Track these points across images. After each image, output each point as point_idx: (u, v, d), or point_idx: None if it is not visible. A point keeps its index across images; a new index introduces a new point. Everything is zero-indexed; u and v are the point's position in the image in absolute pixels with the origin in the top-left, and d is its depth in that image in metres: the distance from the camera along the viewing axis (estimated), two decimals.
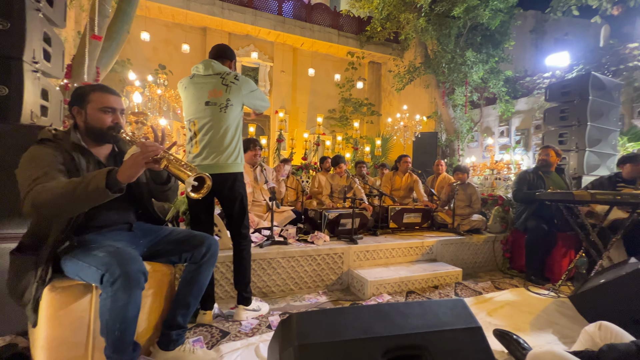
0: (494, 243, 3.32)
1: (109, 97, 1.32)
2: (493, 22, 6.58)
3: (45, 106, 1.85)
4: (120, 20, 3.87)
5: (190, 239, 1.46)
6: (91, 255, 1.14)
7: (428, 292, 2.52)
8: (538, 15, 11.75)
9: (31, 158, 1.17)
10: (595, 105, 3.74)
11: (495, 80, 7.21)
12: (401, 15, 7.39)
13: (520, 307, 2.27)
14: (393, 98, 10.04)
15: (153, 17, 8.05)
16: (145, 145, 1.12)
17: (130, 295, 1.08)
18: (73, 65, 3.20)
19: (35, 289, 1.14)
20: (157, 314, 1.41)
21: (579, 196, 2.37)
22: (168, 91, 5.35)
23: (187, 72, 1.93)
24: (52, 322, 1.15)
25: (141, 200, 1.46)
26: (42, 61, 1.77)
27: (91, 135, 1.32)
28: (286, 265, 2.41)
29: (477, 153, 8.00)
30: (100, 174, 1.08)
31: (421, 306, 1.04)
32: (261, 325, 1.85)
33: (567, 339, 1.84)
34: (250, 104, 1.92)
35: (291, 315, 0.92)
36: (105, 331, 1.10)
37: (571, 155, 3.84)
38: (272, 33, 8.84)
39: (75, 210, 1.13)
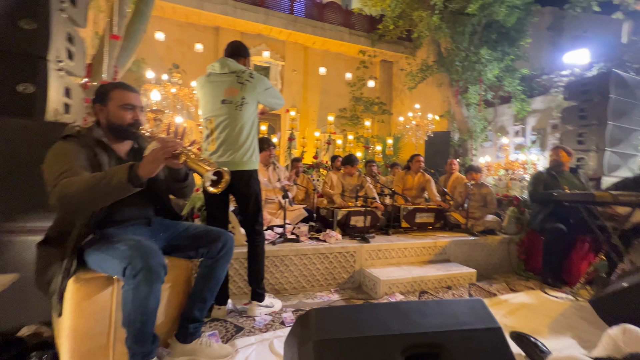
0: (509, 244, 3.25)
1: (129, 94, 1.35)
2: (509, 19, 6.43)
3: (68, 104, 1.90)
4: (137, 20, 3.96)
5: (207, 235, 1.48)
6: (114, 248, 1.17)
7: (441, 293, 2.49)
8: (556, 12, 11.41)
9: (57, 153, 1.21)
10: (617, 104, 3.62)
11: (511, 78, 7.05)
12: (414, 12, 7.30)
13: (537, 310, 2.22)
14: (405, 97, 9.94)
15: (167, 17, 8.19)
16: (165, 141, 1.14)
17: (152, 287, 1.10)
18: (93, 65, 3.29)
19: (60, 280, 1.18)
20: (174, 307, 1.44)
21: (600, 197, 2.30)
22: (182, 90, 5.43)
23: (200, 71, 1.96)
24: (76, 313, 1.19)
25: (159, 197, 1.49)
26: (65, 60, 1.82)
27: (112, 131, 1.36)
28: (298, 262, 2.42)
29: (490, 153, 7.85)
30: (122, 168, 1.11)
31: (439, 305, 1.03)
32: (274, 322, 1.87)
33: (586, 343, 1.79)
34: (265, 102, 1.94)
35: (310, 310, 0.93)
36: (127, 322, 1.13)
37: (590, 155, 3.73)
38: (284, 32, 8.87)
39: (99, 203, 1.16)
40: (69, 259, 1.19)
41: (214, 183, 1.18)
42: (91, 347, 1.22)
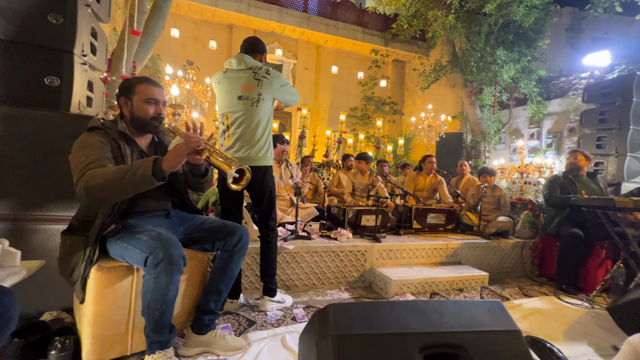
0: (522, 249, 3.20)
1: (153, 89, 1.38)
2: (527, 19, 6.30)
3: (91, 97, 1.95)
4: (156, 16, 4.02)
5: (223, 228, 1.50)
6: (135, 238, 1.20)
7: (452, 295, 2.46)
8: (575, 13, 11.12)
9: (83, 145, 1.24)
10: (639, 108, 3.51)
11: (527, 80, 6.91)
12: (429, 12, 7.22)
13: (551, 316, 2.18)
14: (417, 97, 9.85)
15: (182, 14, 8.30)
16: (188, 137, 1.17)
17: (172, 278, 1.13)
18: (112, 60, 3.36)
19: (83, 267, 1.21)
20: (190, 299, 1.47)
21: (621, 203, 2.24)
22: (196, 86, 5.50)
23: (214, 68, 1.99)
24: (98, 300, 1.22)
25: (178, 190, 1.52)
26: (89, 54, 1.87)
27: (135, 124, 1.39)
28: (309, 260, 2.43)
29: (504, 155, 7.72)
30: (147, 162, 1.13)
31: (457, 305, 1.02)
32: (286, 317, 1.88)
33: (603, 351, 1.75)
34: (281, 98, 1.95)
35: (328, 306, 0.93)
36: (146, 311, 1.15)
37: (610, 160, 3.63)
38: (297, 30, 8.89)
39: (123, 195, 1.19)
40: (92, 247, 1.22)
41: (236, 180, 1.20)
42: (111, 334, 1.25)
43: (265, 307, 1.94)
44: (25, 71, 1.60)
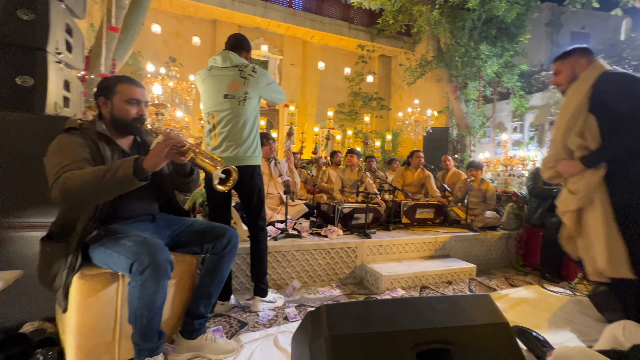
0: (507, 240, 3.28)
1: (135, 89, 1.33)
2: (509, 14, 6.41)
3: (68, 97, 1.87)
4: (135, 11, 3.88)
5: (212, 231, 1.47)
6: (120, 244, 1.16)
7: (442, 288, 2.51)
8: (554, 8, 11.41)
9: (59, 146, 1.19)
10: None
11: (510, 74, 7.06)
12: (414, 7, 7.25)
13: (536, 305, 2.25)
14: (403, 92, 9.92)
15: (164, 10, 8.06)
16: (168, 134, 1.14)
17: (159, 284, 1.10)
18: (90, 57, 3.23)
19: (65, 275, 1.17)
20: (179, 303, 1.44)
21: None
22: (180, 84, 5.37)
23: (198, 64, 1.94)
24: (82, 309, 1.17)
25: (164, 192, 1.48)
26: (64, 52, 1.78)
27: (116, 125, 1.34)
28: (300, 258, 2.42)
29: (489, 149, 7.89)
30: (127, 161, 1.09)
31: (448, 301, 1.04)
32: (278, 317, 1.87)
33: (586, 337, 1.82)
34: (267, 97, 1.92)
35: (321, 306, 0.93)
36: (133, 319, 1.12)
37: None
38: (282, 26, 8.78)
39: (103, 197, 1.15)
40: (74, 254, 1.18)
41: (222, 181, 1.17)
42: (97, 343, 1.21)
43: (257, 307, 1.92)
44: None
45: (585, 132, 1.44)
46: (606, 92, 1.40)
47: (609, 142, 1.39)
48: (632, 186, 1.38)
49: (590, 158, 1.43)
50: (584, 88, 1.45)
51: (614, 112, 1.38)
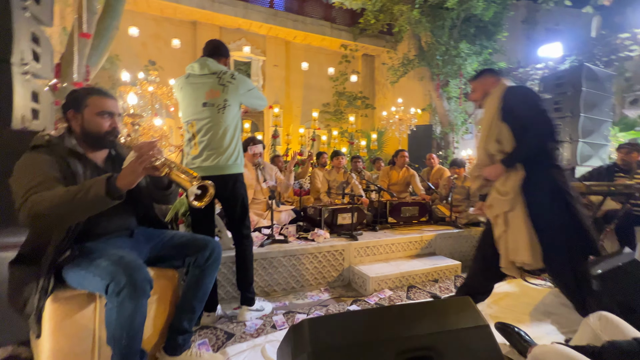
0: None
1: (107, 101, 1.28)
2: (486, 13, 6.57)
3: (37, 109, 1.79)
4: (109, 16, 3.75)
5: (193, 243, 1.44)
6: (94, 264, 1.12)
7: (429, 286, 2.55)
8: (530, 5, 11.73)
9: (25, 166, 1.13)
10: (588, 97, 3.78)
11: None
12: (394, 7, 7.32)
13: (519, 298, 2.31)
14: (387, 91, 10.01)
15: (141, 12, 7.85)
16: (140, 148, 1.10)
17: (137, 304, 1.06)
18: (62, 64, 3.10)
19: (37, 300, 1.12)
20: (162, 319, 1.40)
21: (575, 188, 2.40)
22: (160, 88, 5.24)
23: (179, 67, 1.90)
24: (57, 333, 1.13)
25: (142, 205, 1.44)
26: (31, 62, 1.71)
27: (88, 140, 1.29)
28: (287, 263, 2.41)
29: (471, 145, 8.06)
30: (99, 181, 1.05)
31: (430, 306, 1.05)
32: (266, 325, 1.86)
33: (565, 328, 1.88)
34: (247, 103, 1.89)
35: (303, 321, 0.92)
36: (112, 341, 1.08)
37: (565, 146, 3.89)
38: (264, 26, 8.70)
39: (74, 219, 1.11)
40: (46, 277, 1.13)
41: (198, 197, 1.14)
42: None
43: (244, 317, 1.90)
44: None
45: (501, 138, 1.68)
46: (512, 103, 1.65)
47: (520, 144, 1.62)
48: (538, 188, 1.61)
49: (508, 159, 1.65)
50: (495, 101, 1.70)
51: (520, 120, 1.62)
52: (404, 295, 2.37)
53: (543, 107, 1.61)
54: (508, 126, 1.65)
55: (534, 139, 1.59)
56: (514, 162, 1.63)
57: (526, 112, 1.61)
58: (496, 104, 1.69)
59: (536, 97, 1.66)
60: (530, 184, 1.61)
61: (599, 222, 2.68)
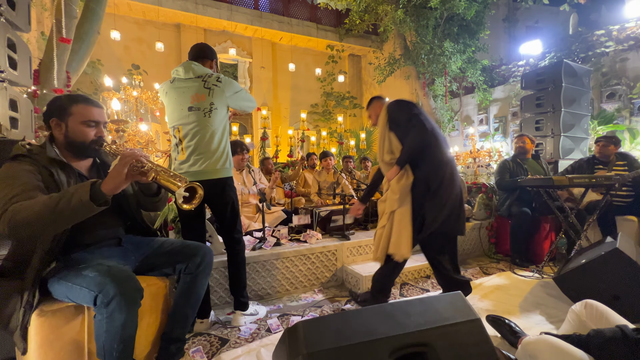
0: (479, 230, 3.43)
1: (92, 109, 1.25)
2: (468, 12, 6.70)
3: (15, 117, 1.73)
4: (89, 20, 3.66)
5: (184, 250, 1.42)
6: (81, 275, 1.09)
7: (421, 282, 2.58)
8: (510, 4, 12.05)
9: (5, 176, 1.10)
10: (568, 92, 3.90)
11: (473, 69, 7.38)
12: (379, 7, 7.40)
13: (508, 291, 2.37)
14: (374, 90, 10.08)
15: (122, 15, 7.68)
16: (124, 155, 1.08)
17: (127, 314, 1.04)
18: (41, 71, 3.00)
19: (22, 315, 1.08)
20: (154, 328, 1.38)
21: (558, 181, 2.48)
22: (144, 92, 5.14)
23: (163, 71, 1.87)
24: (44, 349, 1.10)
25: (130, 213, 1.41)
26: (7, 70, 1.65)
27: (72, 149, 1.26)
28: (280, 266, 2.40)
29: (458, 142, 8.20)
30: (83, 186, 1.03)
31: (422, 303, 1.07)
32: (260, 330, 1.84)
33: (553, 318, 1.94)
34: (235, 106, 1.88)
35: (297, 324, 0.92)
36: (102, 353, 1.06)
37: (547, 140, 4.00)
38: (250, 28, 8.65)
39: (58, 227, 1.07)
40: (30, 291, 1.09)
41: (187, 199, 1.12)
42: None
43: (238, 322, 1.88)
44: None
45: (392, 148, 1.93)
46: (392, 113, 1.94)
47: (405, 146, 1.86)
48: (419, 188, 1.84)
49: (399, 160, 1.86)
50: (383, 117, 1.98)
51: (401, 126, 1.88)
52: (397, 293, 2.40)
53: (415, 111, 1.85)
54: (395, 134, 1.91)
55: (414, 139, 1.81)
56: (403, 163, 1.85)
57: (404, 118, 1.86)
58: (384, 119, 1.97)
59: (409, 104, 1.91)
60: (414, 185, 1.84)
61: (582, 214, 2.76)
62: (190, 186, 1.13)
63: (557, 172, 3.73)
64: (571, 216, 2.64)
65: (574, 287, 2.01)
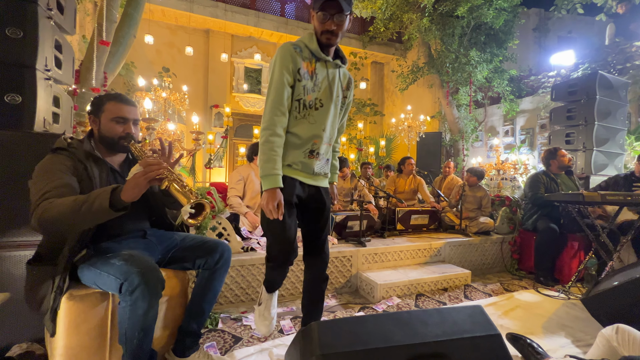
0: (502, 244, 3.31)
1: (123, 107, 1.32)
2: (497, 21, 6.55)
3: (57, 113, 1.86)
4: (127, 24, 3.89)
5: (204, 245, 1.46)
6: (109, 263, 1.14)
7: (437, 295, 2.51)
8: (541, 13, 11.67)
9: (44, 170, 1.17)
10: (603, 105, 3.71)
11: (500, 79, 7.18)
12: (404, 15, 7.37)
13: (531, 309, 2.26)
14: (396, 98, 10.02)
15: (156, 20, 8.09)
16: (148, 164, 1.11)
17: (149, 303, 1.08)
18: (81, 71, 3.22)
19: (53, 298, 1.15)
20: (171, 320, 1.42)
21: (589, 197, 2.35)
22: (173, 94, 5.36)
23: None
24: (71, 331, 1.15)
25: (155, 208, 1.47)
26: (53, 68, 1.78)
27: (104, 144, 1.34)
28: (295, 268, 2.41)
29: (481, 153, 7.97)
30: (104, 192, 1.08)
31: (440, 313, 1.04)
32: (273, 330, 1.85)
33: (580, 342, 1.83)
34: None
35: (312, 324, 0.92)
36: (124, 339, 1.10)
37: (578, 155, 3.82)
38: (275, 34, 8.86)
39: (81, 227, 1.14)
40: (61, 276, 1.16)
41: (193, 215, 1.16)
42: None
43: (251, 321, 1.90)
44: None
45: None
46: None
47: None
48: None
49: None
50: None
51: None
52: (412, 304, 2.34)
53: None
54: None
55: None
56: None
57: None
58: None
59: None
60: None
61: (615, 233, 2.60)
62: (199, 202, 1.15)
63: (587, 188, 3.54)
64: (603, 235, 2.49)
65: (605, 310, 1.89)
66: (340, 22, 1.26)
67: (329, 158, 1.44)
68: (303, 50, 1.31)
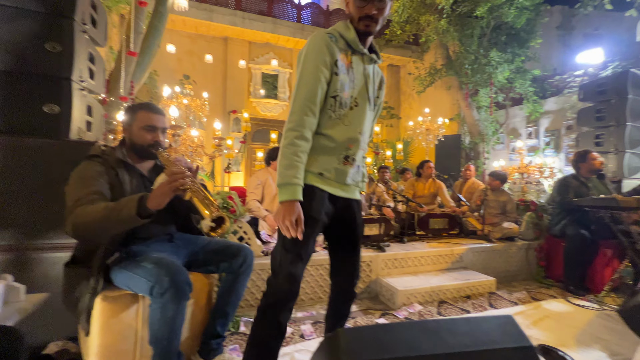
0: (527, 251, 3.18)
1: (152, 116, 1.38)
2: (518, 20, 6.36)
3: (90, 122, 1.96)
4: (152, 35, 4.06)
5: (227, 249, 1.49)
6: (140, 266, 1.19)
7: (460, 303, 2.44)
8: (565, 11, 11.24)
9: (79, 176, 1.24)
10: (635, 104, 3.53)
11: (522, 80, 6.95)
12: (421, 17, 7.29)
13: (562, 320, 2.16)
14: (413, 101, 9.89)
15: (177, 30, 8.38)
16: (173, 174, 1.16)
17: (179, 305, 1.12)
18: (110, 81, 3.39)
19: (88, 299, 1.20)
20: (197, 323, 1.45)
21: (624, 202, 2.24)
22: (194, 101, 5.53)
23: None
24: (104, 331, 1.20)
25: (181, 214, 1.51)
26: (87, 79, 1.88)
27: (135, 151, 1.40)
28: (315, 273, 2.41)
29: (503, 155, 7.72)
30: (132, 200, 1.14)
31: (469, 323, 1.01)
32: (294, 335, 1.86)
33: (616, 356, 1.73)
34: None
35: (338, 330, 0.92)
36: (154, 341, 1.14)
37: (609, 157, 3.63)
38: (291, 40, 8.97)
39: (110, 233, 1.20)
40: (96, 277, 1.21)
41: (213, 228, 1.19)
42: None
43: None
44: (24, 100, 1.61)
45: None
46: None
47: None
48: None
49: None
50: None
51: None
52: (434, 311, 2.29)
53: None
54: None
55: None
56: None
57: None
58: None
59: None
60: None
61: None
62: (219, 216, 1.18)
63: (620, 192, 3.36)
64: (639, 242, 2.35)
65: None
66: (382, 6, 1.07)
67: (360, 165, 1.22)
68: (338, 41, 1.12)
